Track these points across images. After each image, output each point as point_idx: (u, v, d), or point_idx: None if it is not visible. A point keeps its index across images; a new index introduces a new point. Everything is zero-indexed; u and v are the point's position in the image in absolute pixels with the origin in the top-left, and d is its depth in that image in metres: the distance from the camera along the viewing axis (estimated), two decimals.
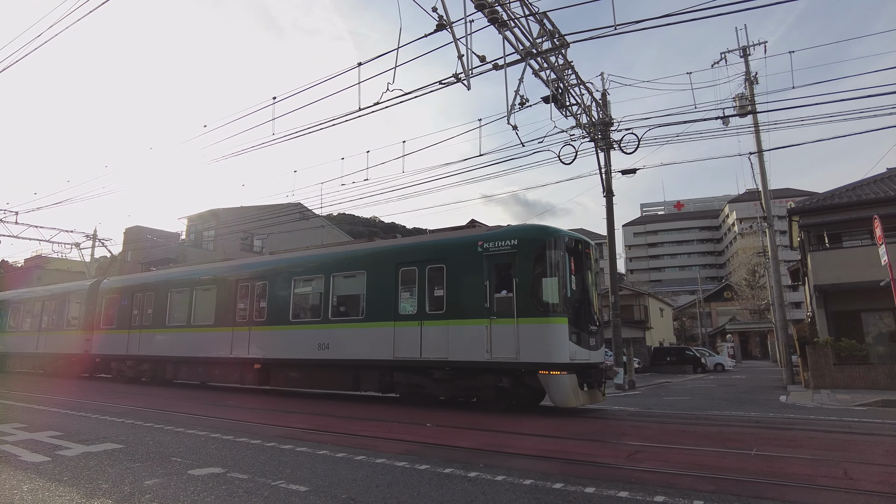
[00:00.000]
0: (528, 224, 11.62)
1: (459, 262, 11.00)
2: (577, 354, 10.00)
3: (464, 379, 10.74)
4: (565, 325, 9.92)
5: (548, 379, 9.79)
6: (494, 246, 10.62)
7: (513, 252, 10.39)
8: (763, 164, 20.17)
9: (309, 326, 13.07)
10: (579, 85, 14.82)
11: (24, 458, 6.08)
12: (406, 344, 11.27)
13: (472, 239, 11.01)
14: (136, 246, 39.53)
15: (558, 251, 10.39)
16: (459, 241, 11.35)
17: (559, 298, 10.05)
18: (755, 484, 5.01)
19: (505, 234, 10.75)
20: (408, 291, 11.61)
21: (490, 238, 10.77)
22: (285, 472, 5.43)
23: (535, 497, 4.59)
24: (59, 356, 20.45)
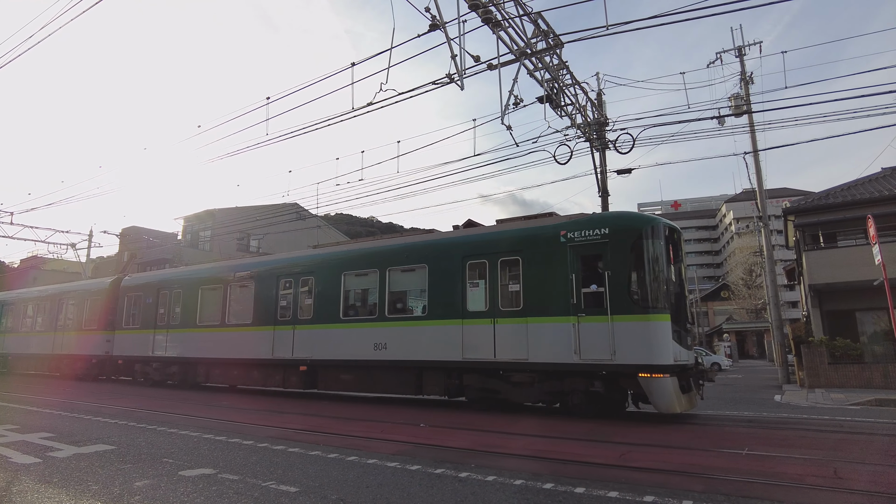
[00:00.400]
0: (619, 211, 10.73)
1: (538, 253, 10.14)
2: (680, 355, 9.18)
3: (547, 382, 9.87)
4: (668, 323, 9.10)
5: (650, 382, 8.89)
6: (580, 236, 9.74)
7: (603, 242, 9.51)
8: (759, 164, 20.23)
9: (363, 325, 12.15)
10: (574, 85, 14.83)
11: (15, 459, 6.07)
12: (477, 344, 10.44)
13: (553, 229, 10.12)
14: (132, 247, 39.44)
15: (657, 240, 9.56)
16: (537, 230, 10.43)
17: (660, 293, 9.26)
18: (745, 484, 5.03)
19: (592, 222, 9.84)
20: (477, 286, 10.76)
21: (574, 227, 9.89)
22: (276, 473, 5.43)
23: (524, 497, 4.60)
24: (77, 358, 19.54)
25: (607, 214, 10.00)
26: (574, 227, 9.91)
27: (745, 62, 20.97)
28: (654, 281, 9.31)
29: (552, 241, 10.01)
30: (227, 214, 37.48)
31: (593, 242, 9.63)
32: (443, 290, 11.10)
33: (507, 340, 10.09)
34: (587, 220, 9.92)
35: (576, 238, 9.80)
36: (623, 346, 9.03)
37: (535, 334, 9.82)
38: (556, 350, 9.58)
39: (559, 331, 9.59)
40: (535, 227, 10.62)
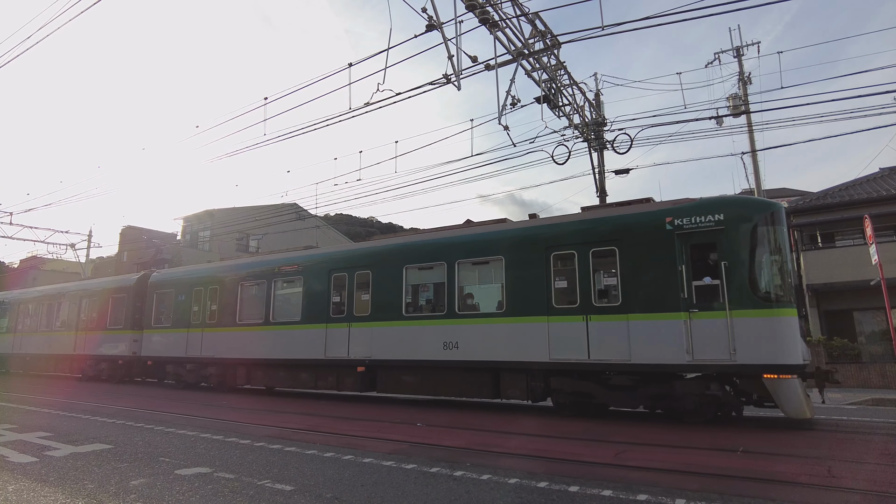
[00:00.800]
0: (733, 196, 9.89)
1: (639, 242, 9.29)
2: (806, 354, 8.48)
3: (652, 385, 9.04)
4: (795, 318, 8.36)
5: (777, 385, 8.09)
6: (690, 222, 8.91)
7: (717, 229, 8.69)
8: (757, 164, 20.25)
9: (429, 322, 11.20)
10: (572, 85, 14.86)
11: (12, 458, 6.09)
12: (566, 343, 9.55)
13: (657, 216, 9.27)
14: (132, 246, 39.47)
15: (780, 226, 8.77)
16: (637, 218, 9.52)
17: (786, 285, 8.55)
18: (739, 482, 5.05)
19: (703, 207, 8.96)
20: (564, 280, 9.89)
21: (683, 213, 9.03)
22: (272, 472, 5.45)
23: (518, 496, 4.62)
24: (101, 358, 18.63)
25: (721, 199, 9.16)
26: (682, 213, 9.06)
27: (744, 62, 21.02)
28: (779, 271, 8.60)
29: (656, 230, 9.16)
30: (226, 214, 37.52)
31: (706, 230, 8.81)
32: (523, 284, 10.21)
33: (604, 339, 9.28)
34: (697, 206, 9.09)
35: (685, 225, 8.97)
36: (744, 345, 8.22)
37: (638, 332, 8.99)
38: (664, 350, 8.73)
39: (667, 328, 8.77)
40: (635, 213, 9.69)
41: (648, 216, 9.37)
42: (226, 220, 35.90)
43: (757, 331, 8.21)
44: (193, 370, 15.91)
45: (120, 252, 41.54)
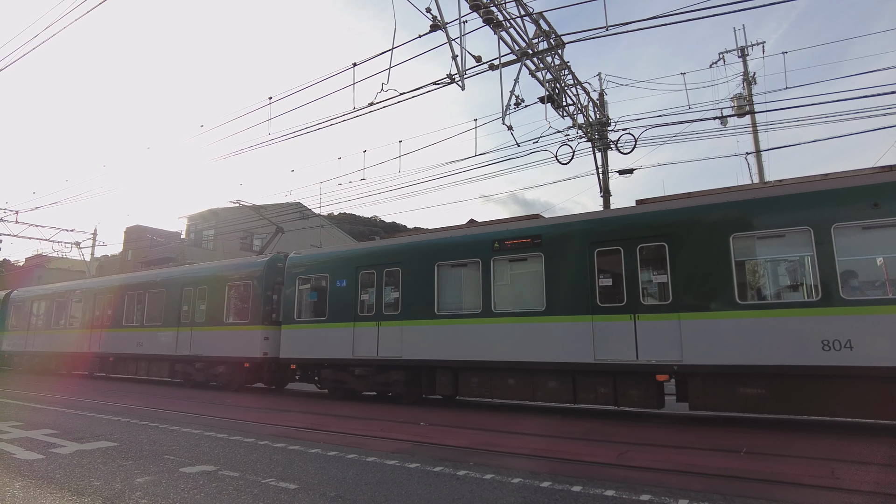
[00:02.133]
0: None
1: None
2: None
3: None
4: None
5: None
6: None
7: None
8: (761, 165, 20.18)
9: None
10: (576, 85, 14.84)
11: (19, 455, 6.14)
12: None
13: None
14: (136, 245, 39.62)
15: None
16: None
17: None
18: (742, 483, 5.05)
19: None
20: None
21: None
22: (276, 470, 5.47)
23: (521, 495, 4.64)
24: (219, 360, 15.27)
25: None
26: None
27: (749, 62, 20.95)
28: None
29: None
30: (230, 213, 37.60)
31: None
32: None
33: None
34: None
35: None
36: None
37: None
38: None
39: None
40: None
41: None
42: (230, 219, 35.99)
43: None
44: (366, 375, 12.34)
45: (124, 251, 41.73)
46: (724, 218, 8.71)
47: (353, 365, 12.43)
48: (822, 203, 8.09)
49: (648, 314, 8.92)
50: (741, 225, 8.55)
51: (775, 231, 8.48)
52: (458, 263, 11.31)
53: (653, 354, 8.89)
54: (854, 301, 7.62)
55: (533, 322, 9.90)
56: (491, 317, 10.44)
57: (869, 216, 7.74)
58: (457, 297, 11.31)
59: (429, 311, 11.32)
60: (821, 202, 8.12)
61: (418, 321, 11.43)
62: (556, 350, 9.59)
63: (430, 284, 11.42)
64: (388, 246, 12.71)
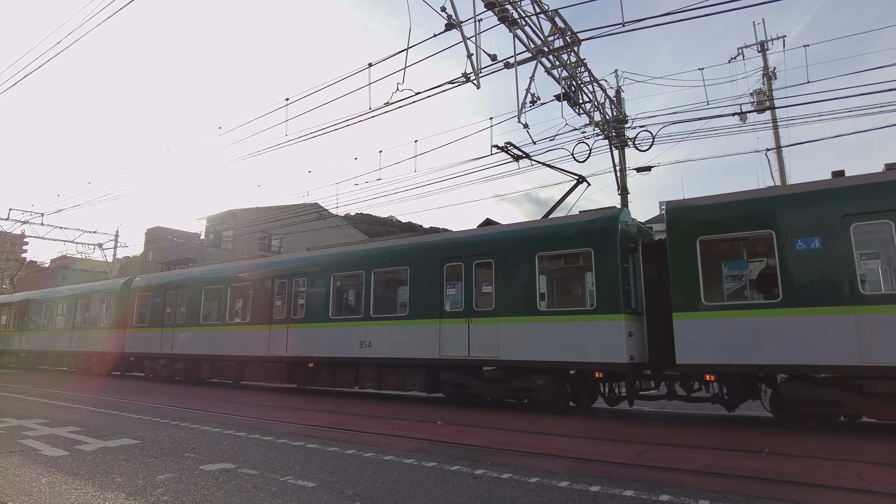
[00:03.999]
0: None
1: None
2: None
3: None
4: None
5: None
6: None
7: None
8: (782, 161, 19.84)
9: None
10: (592, 82, 14.72)
11: (45, 452, 6.27)
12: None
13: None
14: (157, 246, 40.25)
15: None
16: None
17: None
18: (764, 484, 4.97)
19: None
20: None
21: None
22: (294, 469, 5.51)
23: (539, 495, 4.61)
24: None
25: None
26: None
27: (769, 57, 20.60)
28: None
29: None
30: (248, 214, 38.01)
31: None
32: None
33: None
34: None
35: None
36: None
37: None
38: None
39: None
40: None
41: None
42: (248, 220, 36.38)
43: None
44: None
45: (145, 252, 42.41)
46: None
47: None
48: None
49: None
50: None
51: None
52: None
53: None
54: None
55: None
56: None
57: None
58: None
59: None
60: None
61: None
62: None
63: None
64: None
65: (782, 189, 10.88)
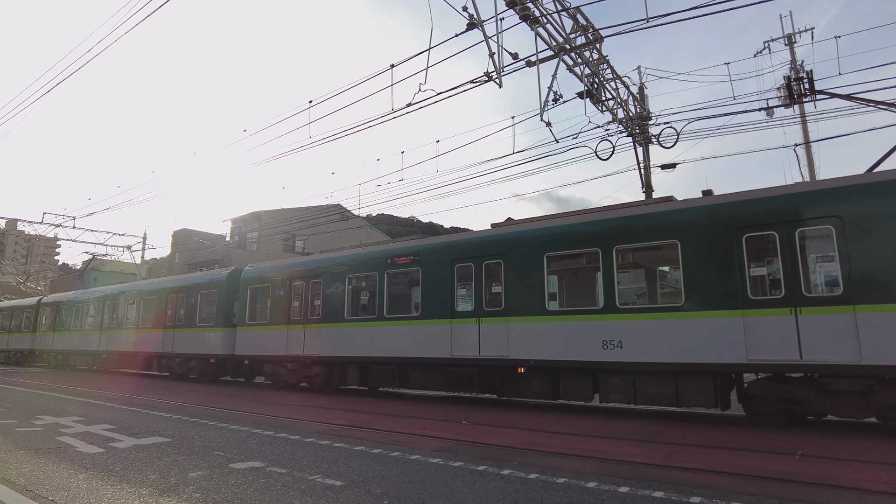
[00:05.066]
0: None
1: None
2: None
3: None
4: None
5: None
6: None
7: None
8: (811, 156, 19.38)
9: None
10: (615, 79, 14.58)
11: (81, 449, 6.44)
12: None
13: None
14: (183, 248, 41.02)
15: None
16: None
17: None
18: (798, 487, 4.86)
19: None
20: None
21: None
22: (322, 467, 5.57)
23: (567, 495, 4.58)
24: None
25: None
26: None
27: (796, 50, 20.15)
28: None
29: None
30: (272, 216, 38.53)
31: None
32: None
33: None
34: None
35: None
36: None
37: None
38: None
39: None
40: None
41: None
42: (272, 222, 36.86)
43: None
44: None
45: (172, 253, 43.29)
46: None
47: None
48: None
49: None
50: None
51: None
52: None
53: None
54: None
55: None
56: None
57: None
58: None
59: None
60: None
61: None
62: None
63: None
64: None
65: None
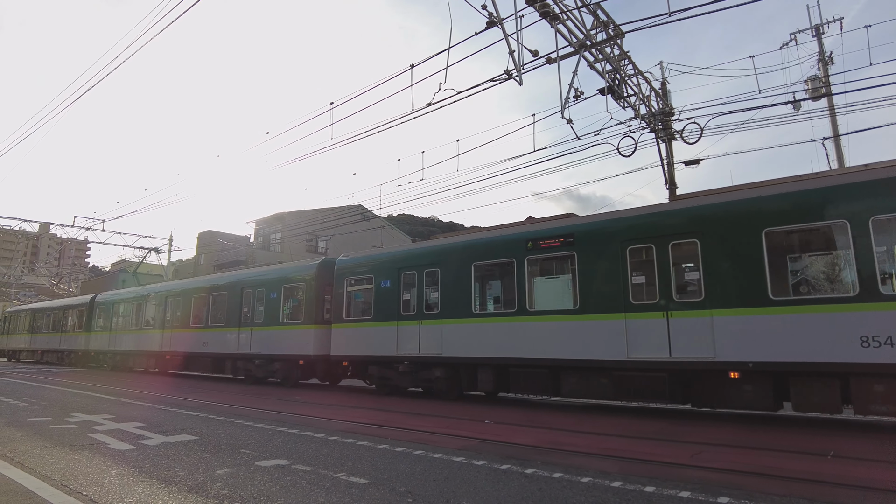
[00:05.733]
0: None
1: None
2: None
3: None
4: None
5: None
6: None
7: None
8: (840, 150, 18.88)
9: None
10: (637, 75, 14.39)
11: (112, 445, 6.60)
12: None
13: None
14: (208, 249, 41.72)
15: None
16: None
17: None
18: (829, 488, 4.75)
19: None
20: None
21: None
22: (346, 465, 5.62)
23: (592, 495, 4.55)
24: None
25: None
26: None
27: (824, 41, 19.66)
28: None
29: None
30: (295, 217, 38.94)
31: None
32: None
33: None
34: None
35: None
36: None
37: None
38: None
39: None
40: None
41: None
42: (295, 223, 37.26)
43: None
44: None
45: (197, 255, 44.04)
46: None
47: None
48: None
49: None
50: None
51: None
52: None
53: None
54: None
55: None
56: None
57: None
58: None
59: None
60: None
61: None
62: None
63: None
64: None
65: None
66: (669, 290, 9.10)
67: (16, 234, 39.55)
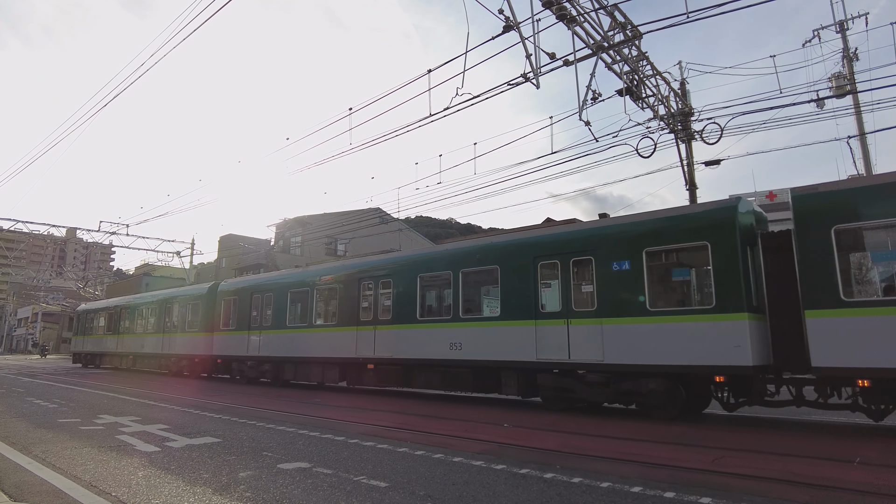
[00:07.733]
0: None
1: None
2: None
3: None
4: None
5: None
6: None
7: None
8: (866, 148, 18.52)
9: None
10: (655, 75, 14.30)
11: (139, 447, 6.76)
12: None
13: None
14: (230, 253, 42.32)
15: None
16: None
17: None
18: (855, 496, 4.68)
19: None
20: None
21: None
22: (367, 468, 5.68)
23: (611, 500, 4.54)
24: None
25: None
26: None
27: (849, 37, 19.30)
28: None
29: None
30: (315, 221, 39.29)
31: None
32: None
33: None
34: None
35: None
36: None
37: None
38: None
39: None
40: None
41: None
42: (315, 226, 37.61)
43: None
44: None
45: (219, 258, 44.69)
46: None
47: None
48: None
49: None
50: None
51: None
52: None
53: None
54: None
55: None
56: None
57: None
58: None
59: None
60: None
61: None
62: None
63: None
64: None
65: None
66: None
67: (44, 239, 40.60)
